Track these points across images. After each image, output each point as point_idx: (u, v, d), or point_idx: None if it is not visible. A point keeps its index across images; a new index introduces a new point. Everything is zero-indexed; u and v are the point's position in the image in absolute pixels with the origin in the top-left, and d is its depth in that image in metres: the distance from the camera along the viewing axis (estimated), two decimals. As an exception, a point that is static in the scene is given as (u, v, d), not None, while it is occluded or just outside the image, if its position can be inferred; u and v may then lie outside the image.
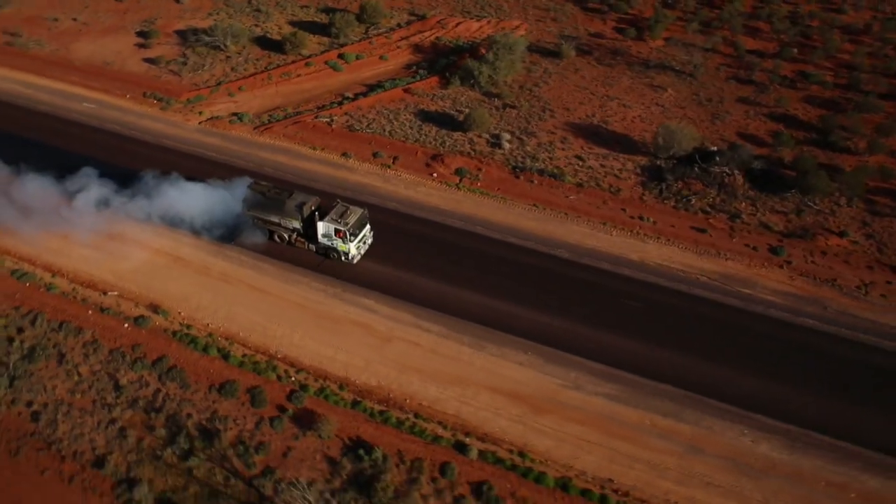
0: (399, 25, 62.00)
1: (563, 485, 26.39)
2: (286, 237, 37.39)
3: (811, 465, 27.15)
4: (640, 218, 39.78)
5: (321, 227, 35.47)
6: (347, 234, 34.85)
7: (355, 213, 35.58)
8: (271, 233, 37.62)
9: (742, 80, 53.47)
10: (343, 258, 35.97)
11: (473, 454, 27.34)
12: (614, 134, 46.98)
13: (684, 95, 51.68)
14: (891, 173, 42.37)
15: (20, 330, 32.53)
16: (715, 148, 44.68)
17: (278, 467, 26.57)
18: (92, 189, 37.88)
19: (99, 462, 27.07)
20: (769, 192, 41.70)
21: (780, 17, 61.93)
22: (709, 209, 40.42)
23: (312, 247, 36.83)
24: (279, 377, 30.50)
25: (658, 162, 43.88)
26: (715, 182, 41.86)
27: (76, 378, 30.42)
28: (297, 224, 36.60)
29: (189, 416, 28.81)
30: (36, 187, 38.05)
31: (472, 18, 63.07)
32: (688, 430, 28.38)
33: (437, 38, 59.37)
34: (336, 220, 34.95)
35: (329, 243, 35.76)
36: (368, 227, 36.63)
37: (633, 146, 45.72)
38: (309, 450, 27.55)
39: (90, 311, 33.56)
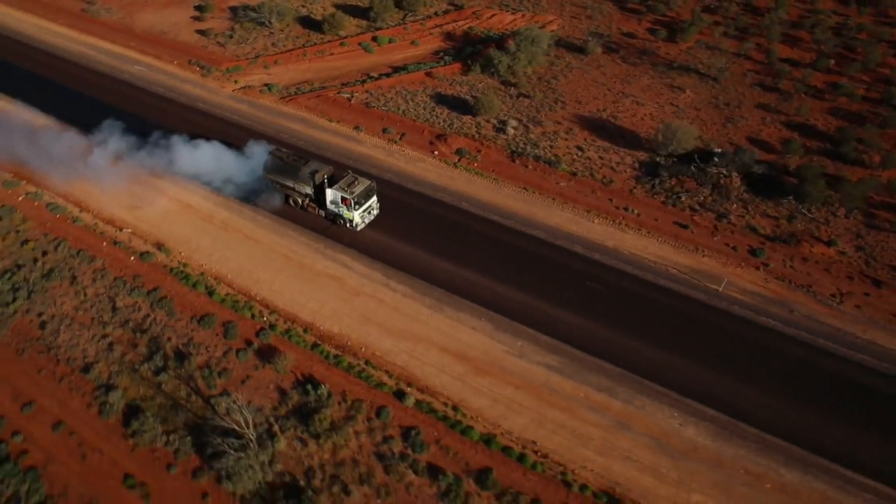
0: (436, 14, 64.34)
1: (487, 440, 28.08)
2: (299, 201, 40.15)
3: (733, 454, 27.69)
4: (625, 209, 40.54)
5: (329, 194, 38.02)
6: (353, 202, 37.21)
7: (362, 185, 37.89)
8: (287, 196, 40.55)
9: (767, 87, 52.69)
10: (348, 225, 38.42)
11: (410, 402, 29.43)
12: (621, 129, 47.60)
13: (702, 98, 51.53)
14: (899, 189, 41.23)
15: (44, 253, 37.02)
16: (719, 150, 44.62)
17: (235, 391, 29.49)
18: (124, 142, 42.30)
19: (86, 368, 30.89)
20: (765, 196, 41.44)
21: (824, 27, 60.15)
22: (697, 207, 40.65)
23: (322, 212, 39.44)
24: (253, 315, 33.54)
25: (657, 159, 44.29)
26: (710, 182, 41.98)
27: (82, 298, 34.50)
28: (308, 190, 39.27)
29: (169, 339, 32.27)
30: (78, 139, 42.99)
31: (507, 11, 64.58)
32: (619, 407, 29.41)
33: (469, 27, 61.33)
34: (344, 189, 37.38)
35: (336, 210, 38.25)
36: (375, 199, 38.88)
37: (636, 142, 46.26)
38: (265, 380, 30.42)
39: (104, 244, 37.71)
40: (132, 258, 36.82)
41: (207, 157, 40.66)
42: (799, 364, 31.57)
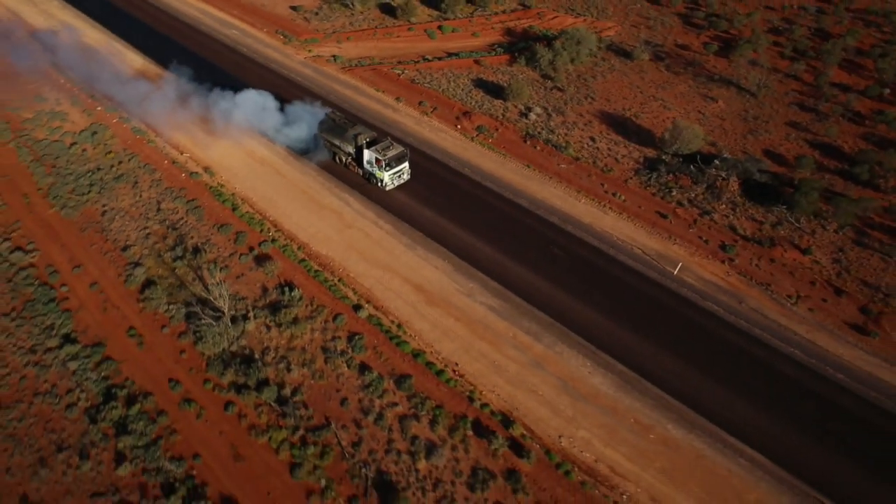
0: (503, 11, 69.04)
1: (416, 354, 32.51)
2: (343, 160, 45.92)
3: (629, 405, 30.30)
4: (613, 194, 43.25)
5: (366, 154, 43.36)
6: (384, 163, 42.44)
7: (395, 150, 42.76)
8: (334, 154, 46.74)
9: (806, 107, 52.75)
10: (379, 184, 43.50)
11: (363, 314, 34.45)
12: (638, 127, 49.97)
13: (733, 109, 52.57)
14: (898, 212, 40.86)
15: (119, 162, 45.65)
16: (726, 155, 45.98)
17: (230, 282, 35.92)
18: (203, 88, 50.76)
19: (125, 248, 38.57)
20: (759, 202, 42.51)
21: (893, 57, 58.55)
22: (685, 203, 42.54)
23: (360, 171, 45.16)
24: (262, 230, 39.96)
25: (662, 156, 46.41)
26: (705, 182, 43.63)
27: (137, 198, 42.56)
28: (351, 150, 44.95)
29: (191, 238, 39.35)
30: (170, 83, 52.09)
31: (571, 14, 68.04)
32: (540, 349, 32.77)
33: (529, 26, 65.46)
34: (378, 152, 42.39)
35: (370, 169, 43.65)
36: (407, 165, 43.52)
37: (649, 140, 48.48)
38: (254, 279, 36.63)
39: (166, 162, 45.83)
40: (183, 175, 44.57)
41: (258, 105, 47.86)
42: (727, 346, 33.30)
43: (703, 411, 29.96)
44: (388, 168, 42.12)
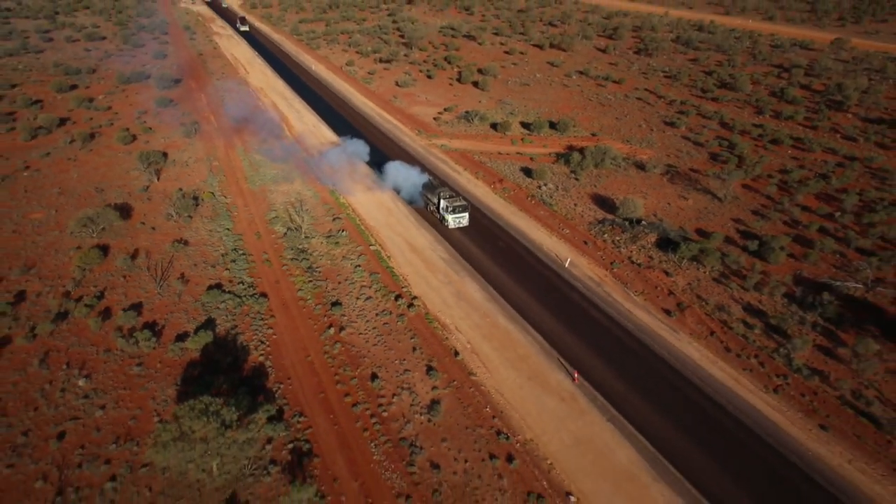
0: (574, 136, 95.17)
1: (390, 270, 57.21)
2: (430, 208, 74.59)
3: (487, 307, 51.21)
4: (563, 230, 64.65)
5: (441, 203, 71.54)
6: (448, 209, 70.11)
7: (459, 201, 69.82)
8: (426, 204, 75.44)
9: (759, 213, 68.67)
10: (445, 224, 70.86)
11: (372, 249, 60.51)
12: (613, 203, 70.77)
13: (696, 205, 70.58)
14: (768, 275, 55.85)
15: (301, 200, 79.64)
16: (655, 220, 64.76)
17: (318, 229, 64.85)
18: (361, 156, 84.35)
19: (272, 205, 70.30)
20: (663, 250, 60.44)
21: (868, 197, 71.50)
22: (608, 241, 62.21)
23: (438, 215, 73.23)
24: (349, 218, 68.95)
25: (615, 217, 66.74)
26: (631, 233, 62.94)
27: (291, 191, 75.15)
28: (435, 200, 73.44)
29: (306, 206, 69.72)
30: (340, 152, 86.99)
31: (620, 142, 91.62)
32: (456, 279, 55.29)
33: (586, 146, 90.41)
34: (447, 200, 70.58)
35: (443, 213, 71.29)
36: (467, 215, 69.82)
37: (614, 209, 69.03)
38: (328, 226, 65.18)
39: (331, 198, 78.59)
40: (345, 217, 76.46)
41: (391, 168, 78.72)
42: (572, 301, 52.34)
43: (526, 317, 49.67)
44: (451, 213, 68.58)
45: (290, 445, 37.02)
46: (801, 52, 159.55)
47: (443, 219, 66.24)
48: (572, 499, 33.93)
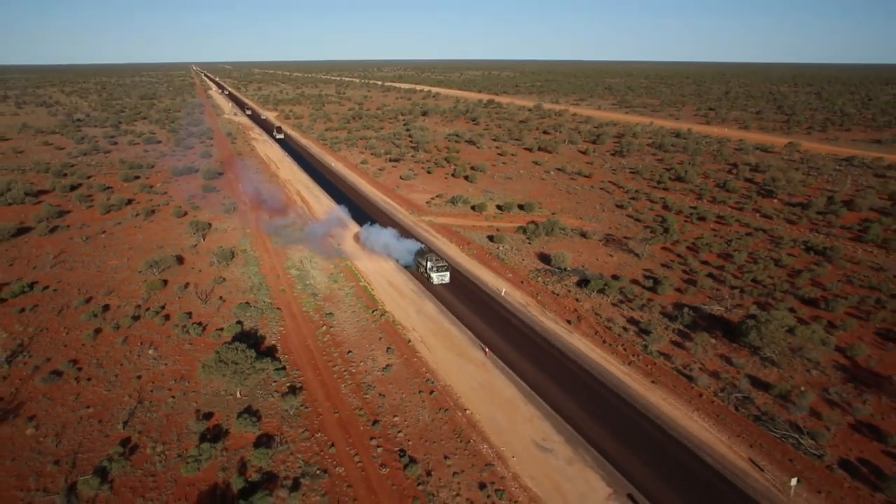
0: (538, 214, 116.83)
1: (374, 299, 77.35)
2: (421, 270, 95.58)
3: (439, 318, 70.36)
4: (508, 274, 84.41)
5: (427, 264, 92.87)
6: (434, 268, 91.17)
7: (441, 263, 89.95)
8: (417, 266, 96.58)
9: (668, 266, 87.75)
10: (430, 281, 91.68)
11: (362, 283, 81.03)
12: (554, 258, 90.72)
13: (619, 260, 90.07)
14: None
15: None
16: (583, 269, 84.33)
17: (320, 264, 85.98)
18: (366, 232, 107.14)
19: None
20: (581, 287, 79.45)
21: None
22: (542, 283, 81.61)
23: (426, 275, 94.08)
24: (346, 267, 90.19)
25: (553, 267, 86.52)
26: (560, 277, 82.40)
27: (309, 254, 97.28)
28: (424, 263, 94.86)
29: (326, 264, 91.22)
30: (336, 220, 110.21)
31: (579, 220, 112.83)
32: (419, 302, 74.88)
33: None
34: (433, 262, 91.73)
35: (428, 273, 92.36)
36: (448, 274, 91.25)
37: (550, 262, 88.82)
38: (327, 269, 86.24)
39: (340, 263, 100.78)
40: (343, 265, 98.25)
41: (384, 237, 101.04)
42: (500, 316, 71.22)
43: (465, 323, 68.66)
44: (435, 272, 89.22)
45: (288, 385, 55.65)
46: (759, 153, 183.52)
47: (429, 277, 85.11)
48: (468, 412, 51.58)
